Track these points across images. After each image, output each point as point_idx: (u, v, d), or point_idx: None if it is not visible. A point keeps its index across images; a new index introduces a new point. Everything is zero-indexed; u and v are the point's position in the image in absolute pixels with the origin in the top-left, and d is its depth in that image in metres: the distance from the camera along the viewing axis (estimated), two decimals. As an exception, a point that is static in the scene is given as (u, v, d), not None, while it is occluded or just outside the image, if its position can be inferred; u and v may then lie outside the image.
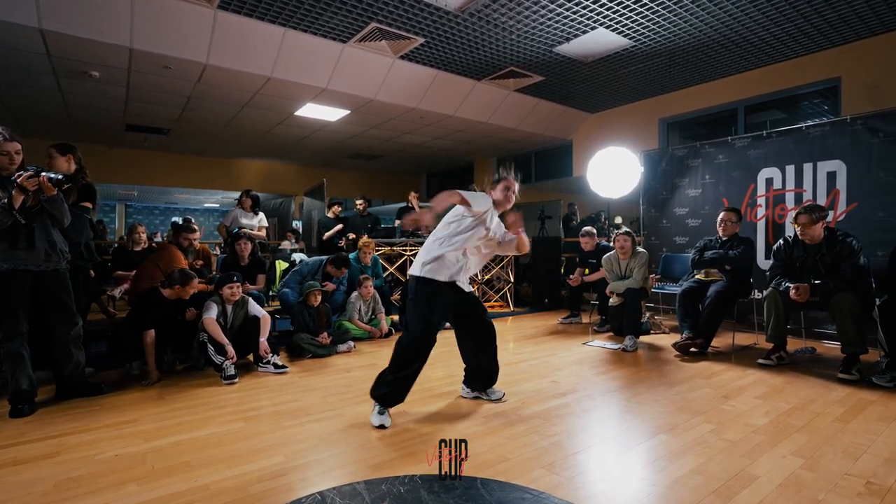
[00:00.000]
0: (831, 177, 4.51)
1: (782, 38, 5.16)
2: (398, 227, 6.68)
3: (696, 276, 4.29)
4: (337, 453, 2.11)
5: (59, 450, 2.16)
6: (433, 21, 4.75)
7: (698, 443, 2.18)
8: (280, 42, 5.02)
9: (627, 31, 4.98)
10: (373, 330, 4.72)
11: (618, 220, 8.45)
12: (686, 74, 6.22)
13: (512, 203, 2.68)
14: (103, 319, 5.43)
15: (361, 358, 3.98)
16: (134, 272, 4.29)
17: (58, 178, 2.58)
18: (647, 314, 5.00)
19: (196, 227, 4.55)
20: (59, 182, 2.58)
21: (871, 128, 4.29)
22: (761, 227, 4.96)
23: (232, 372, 3.24)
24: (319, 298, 4.19)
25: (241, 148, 9.28)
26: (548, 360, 3.83)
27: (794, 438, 2.23)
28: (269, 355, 3.50)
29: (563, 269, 7.26)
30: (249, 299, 3.70)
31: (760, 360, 3.61)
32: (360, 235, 6.16)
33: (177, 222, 7.32)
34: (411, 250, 6.18)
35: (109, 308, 5.76)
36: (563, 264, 7.38)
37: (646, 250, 4.69)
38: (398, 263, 6.20)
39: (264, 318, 3.58)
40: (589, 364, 3.71)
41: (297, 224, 10.57)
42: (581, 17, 4.66)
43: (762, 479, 1.83)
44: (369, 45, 5.32)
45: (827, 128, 4.58)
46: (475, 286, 6.52)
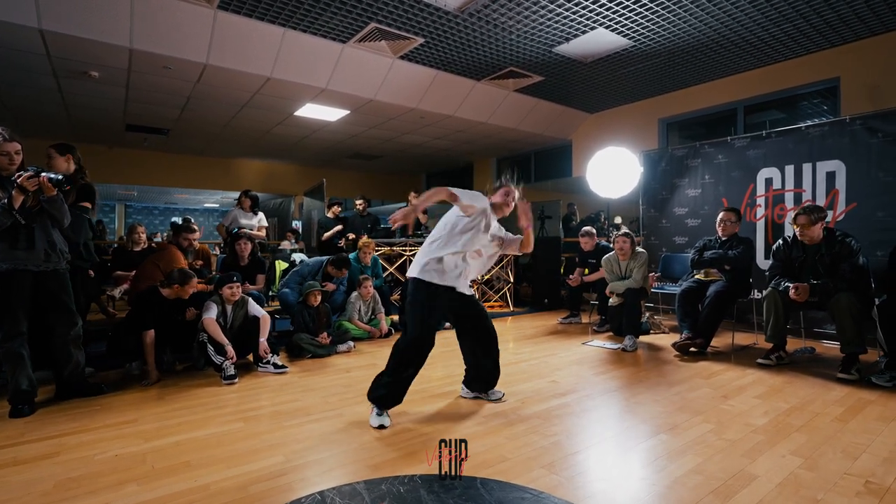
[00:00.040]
0: (830, 177, 4.51)
1: (782, 39, 5.17)
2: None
3: (696, 276, 4.29)
4: (337, 453, 2.11)
5: (59, 450, 2.16)
6: (433, 21, 4.75)
7: (698, 442, 2.19)
8: (280, 42, 5.02)
9: (627, 31, 4.98)
10: (372, 330, 4.72)
11: (617, 220, 8.45)
12: (686, 74, 6.23)
13: (511, 208, 2.71)
14: (103, 319, 5.43)
15: (361, 358, 3.98)
16: (134, 272, 4.30)
17: (58, 178, 2.58)
18: (647, 314, 5.00)
19: (196, 227, 4.55)
20: (59, 182, 2.59)
21: (870, 128, 4.29)
22: (761, 227, 4.96)
23: (232, 372, 3.24)
24: (319, 298, 4.19)
25: (241, 148, 9.29)
26: (547, 360, 3.83)
27: (794, 438, 2.23)
28: (269, 355, 3.50)
29: (563, 269, 7.27)
30: (249, 299, 3.70)
31: (760, 360, 3.62)
32: (359, 235, 6.16)
33: (176, 222, 7.31)
34: (411, 250, 6.18)
35: (109, 308, 5.76)
36: (563, 264, 7.38)
37: (645, 250, 4.69)
38: (398, 263, 6.20)
39: (264, 319, 3.58)
40: (588, 364, 3.72)
41: (296, 224, 10.56)
42: (581, 17, 4.67)
43: (761, 479, 1.84)
44: (369, 46, 5.32)
45: (826, 128, 4.58)
46: (475, 286, 6.52)
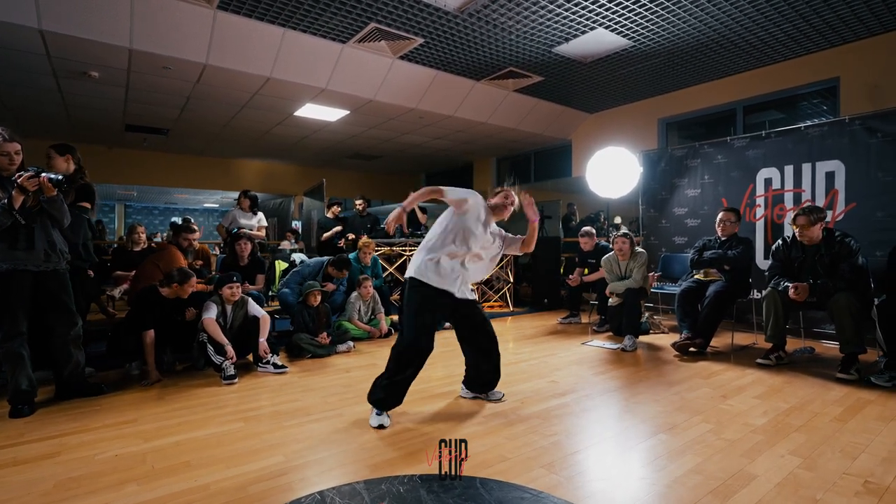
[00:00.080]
0: (830, 177, 4.51)
1: (781, 39, 5.17)
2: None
3: (695, 276, 4.29)
4: (336, 453, 2.11)
5: (59, 450, 2.16)
6: (433, 21, 4.75)
7: (697, 442, 2.19)
8: (279, 42, 5.02)
9: (627, 32, 4.99)
10: (372, 330, 4.72)
11: (617, 220, 8.45)
12: (685, 74, 6.23)
13: (510, 211, 2.73)
14: (103, 319, 5.43)
15: (361, 358, 3.99)
16: (133, 272, 4.30)
17: (58, 178, 2.58)
18: (647, 314, 5.01)
19: (195, 227, 4.55)
20: (59, 182, 2.59)
21: (869, 128, 4.29)
22: (760, 227, 4.97)
23: (231, 372, 3.24)
24: (319, 298, 4.19)
25: (241, 148, 9.29)
26: (547, 360, 3.83)
27: (793, 438, 2.24)
28: (269, 355, 3.51)
29: (563, 269, 7.28)
30: (249, 299, 3.70)
31: (759, 360, 3.62)
32: (359, 236, 6.16)
33: (176, 222, 7.31)
34: (411, 250, 6.19)
35: (109, 308, 5.76)
36: (563, 264, 7.39)
37: (644, 251, 4.69)
38: (398, 263, 6.20)
39: (264, 319, 3.59)
40: (588, 364, 3.72)
41: (296, 224, 10.56)
42: (580, 17, 4.67)
43: (761, 479, 1.84)
44: (369, 46, 5.32)
45: (826, 128, 4.58)
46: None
